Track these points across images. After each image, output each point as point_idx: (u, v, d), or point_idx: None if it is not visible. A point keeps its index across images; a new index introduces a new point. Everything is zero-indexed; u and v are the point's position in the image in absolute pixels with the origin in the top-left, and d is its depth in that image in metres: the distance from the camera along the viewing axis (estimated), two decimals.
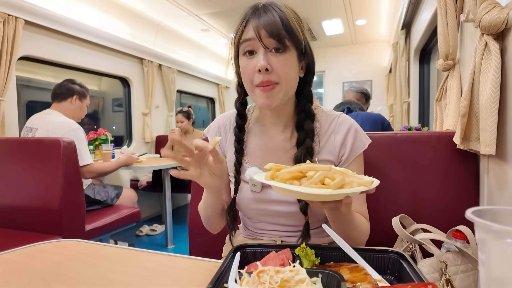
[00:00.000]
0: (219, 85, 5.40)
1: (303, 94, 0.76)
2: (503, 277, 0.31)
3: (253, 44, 0.67)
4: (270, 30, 0.64)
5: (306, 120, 0.74)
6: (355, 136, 0.75)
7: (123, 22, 3.28)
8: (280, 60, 0.66)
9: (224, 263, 0.53)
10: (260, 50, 0.66)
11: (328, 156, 0.76)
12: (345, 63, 4.99)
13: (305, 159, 0.71)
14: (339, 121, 0.77)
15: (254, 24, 0.66)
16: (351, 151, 0.75)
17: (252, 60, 0.68)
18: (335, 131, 0.76)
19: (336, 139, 0.76)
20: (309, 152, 0.72)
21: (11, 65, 2.14)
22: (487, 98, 0.71)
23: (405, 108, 2.94)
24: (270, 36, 0.64)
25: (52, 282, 0.58)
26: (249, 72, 0.68)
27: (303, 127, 0.74)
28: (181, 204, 4.23)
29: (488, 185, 0.86)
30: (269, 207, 0.76)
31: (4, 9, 2.11)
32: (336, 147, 0.75)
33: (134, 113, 3.60)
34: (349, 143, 0.75)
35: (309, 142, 0.73)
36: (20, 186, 1.69)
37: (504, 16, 0.67)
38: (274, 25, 0.64)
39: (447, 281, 0.65)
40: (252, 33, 0.66)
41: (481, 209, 0.34)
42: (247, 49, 0.68)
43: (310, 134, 0.73)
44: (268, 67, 0.65)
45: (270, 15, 0.65)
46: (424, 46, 2.57)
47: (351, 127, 0.76)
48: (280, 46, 0.66)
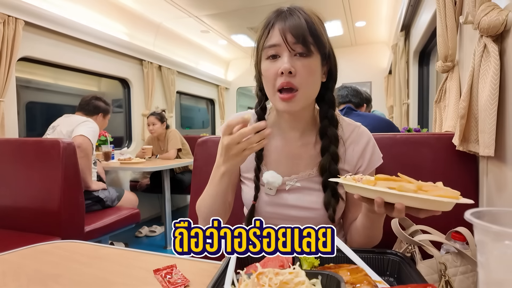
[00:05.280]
0: (218, 86, 5.41)
1: (325, 100, 0.75)
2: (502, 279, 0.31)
3: (278, 48, 0.66)
4: (296, 34, 0.64)
5: (330, 126, 0.74)
6: (373, 149, 0.76)
7: (123, 23, 3.28)
8: (304, 64, 0.66)
9: (223, 264, 0.53)
10: (285, 53, 0.65)
11: (345, 165, 0.75)
12: (344, 64, 4.95)
13: (331, 166, 0.71)
14: (359, 132, 0.77)
15: (280, 27, 0.65)
16: (368, 164, 0.75)
17: (275, 63, 0.67)
18: (355, 141, 0.76)
19: (355, 149, 0.75)
20: (334, 159, 0.72)
21: (11, 66, 2.14)
22: (486, 100, 0.71)
23: (405, 110, 2.95)
24: (296, 39, 0.64)
25: (51, 283, 0.58)
26: (271, 75, 0.67)
27: (327, 134, 0.73)
28: (181, 205, 4.22)
29: (487, 186, 0.86)
30: (285, 212, 0.76)
31: (4, 10, 2.11)
32: (354, 157, 0.75)
33: (134, 114, 3.60)
34: (368, 156, 0.75)
35: (334, 149, 0.72)
36: (20, 187, 1.68)
37: (503, 18, 0.68)
38: (300, 29, 0.64)
39: (446, 282, 0.65)
40: (278, 37, 0.65)
41: (480, 210, 0.34)
42: (271, 53, 0.67)
43: (334, 140, 0.73)
44: (292, 70, 0.64)
45: (296, 18, 0.65)
46: (424, 48, 2.58)
47: (370, 140, 0.77)
48: (305, 51, 0.65)
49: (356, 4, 3.33)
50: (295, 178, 0.75)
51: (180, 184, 3.25)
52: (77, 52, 2.81)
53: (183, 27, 3.87)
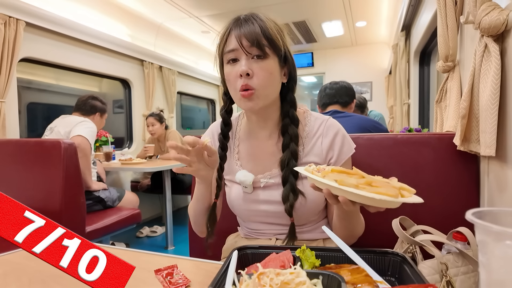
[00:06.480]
0: (219, 86, 5.41)
1: (287, 100, 0.79)
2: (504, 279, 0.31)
3: (236, 52, 0.71)
4: (250, 38, 0.69)
5: (290, 125, 0.77)
6: (343, 140, 0.79)
7: (123, 24, 3.29)
8: (261, 66, 0.70)
9: (225, 264, 0.53)
10: (242, 57, 0.71)
11: (315, 159, 0.79)
12: (345, 64, 4.99)
13: (290, 162, 0.75)
14: (327, 125, 0.80)
15: (236, 33, 0.71)
16: (339, 155, 0.78)
17: (235, 67, 0.72)
18: (323, 135, 0.79)
19: (323, 142, 0.79)
20: (293, 155, 0.75)
21: (12, 67, 2.14)
22: (487, 100, 0.71)
23: (405, 110, 2.95)
24: (251, 43, 0.69)
25: (52, 283, 0.58)
26: (233, 78, 0.72)
27: (288, 132, 0.77)
28: (182, 205, 4.22)
29: (488, 186, 0.86)
30: (259, 207, 0.80)
31: (5, 11, 2.12)
32: (323, 150, 0.79)
33: (135, 114, 3.60)
34: (337, 147, 0.78)
35: (294, 146, 0.76)
36: (21, 187, 1.69)
37: (504, 18, 0.68)
38: (253, 34, 0.69)
39: (447, 282, 0.65)
40: (234, 42, 0.70)
41: (481, 210, 0.34)
42: (230, 57, 0.72)
43: (294, 138, 0.76)
44: (249, 72, 0.69)
45: (251, 25, 0.70)
46: (424, 48, 2.57)
47: (339, 131, 0.80)
48: (261, 53, 0.70)
49: (356, 4, 3.33)
50: (268, 175, 0.79)
51: (181, 185, 3.25)
52: (78, 52, 2.82)
53: (184, 27, 3.87)
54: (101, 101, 2.38)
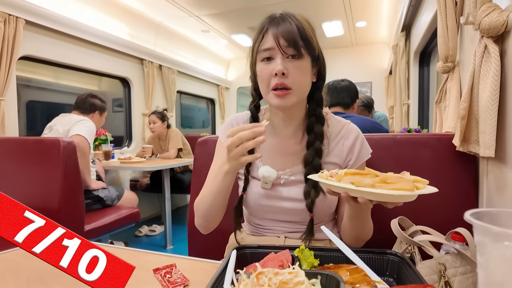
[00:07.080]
0: (219, 86, 5.41)
1: (314, 99, 0.80)
2: (502, 280, 0.31)
3: (272, 51, 0.71)
4: (288, 38, 0.69)
5: (316, 123, 0.79)
6: (362, 144, 0.81)
7: (123, 22, 3.28)
8: (295, 65, 0.71)
9: (223, 264, 0.53)
10: (278, 56, 0.71)
11: (335, 159, 0.80)
12: (345, 64, 4.99)
13: (314, 160, 0.75)
14: (349, 128, 0.83)
15: (273, 32, 0.71)
16: (357, 158, 0.80)
17: (269, 65, 0.72)
18: (345, 137, 0.81)
19: (345, 144, 0.81)
20: (318, 153, 0.76)
21: (11, 65, 2.14)
22: (486, 101, 0.71)
23: (405, 110, 2.95)
24: (288, 43, 0.70)
25: (51, 282, 0.58)
26: (266, 75, 0.72)
27: (313, 130, 0.78)
28: (181, 204, 4.22)
29: (487, 187, 0.86)
30: (278, 204, 0.80)
31: (5, 8, 2.11)
32: (344, 152, 0.80)
33: (134, 113, 3.60)
34: (357, 150, 0.80)
35: (318, 144, 0.77)
36: (20, 185, 1.68)
37: (504, 19, 0.68)
38: (291, 33, 0.70)
39: (446, 283, 0.65)
40: (271, 41, 0.71)
41: (480, 211, 0.34)
42: (265, 55, 0.73)
43: (319, 136, 0.78)
44: (284, 71, 0.70)
45: (288, 24, 0.71)
46: (424, 48, 2.57)
47: (359, 135, 0.82)
48: (297, 53, 0.71)
49: (356, 4, 3.32)
50: (289, 172, 0.80)
51: (180, 184, 3.25)
52: (78, 51, 2.81)
53: (184, 26, 3.87)
54: (100, 99, 2.36)
